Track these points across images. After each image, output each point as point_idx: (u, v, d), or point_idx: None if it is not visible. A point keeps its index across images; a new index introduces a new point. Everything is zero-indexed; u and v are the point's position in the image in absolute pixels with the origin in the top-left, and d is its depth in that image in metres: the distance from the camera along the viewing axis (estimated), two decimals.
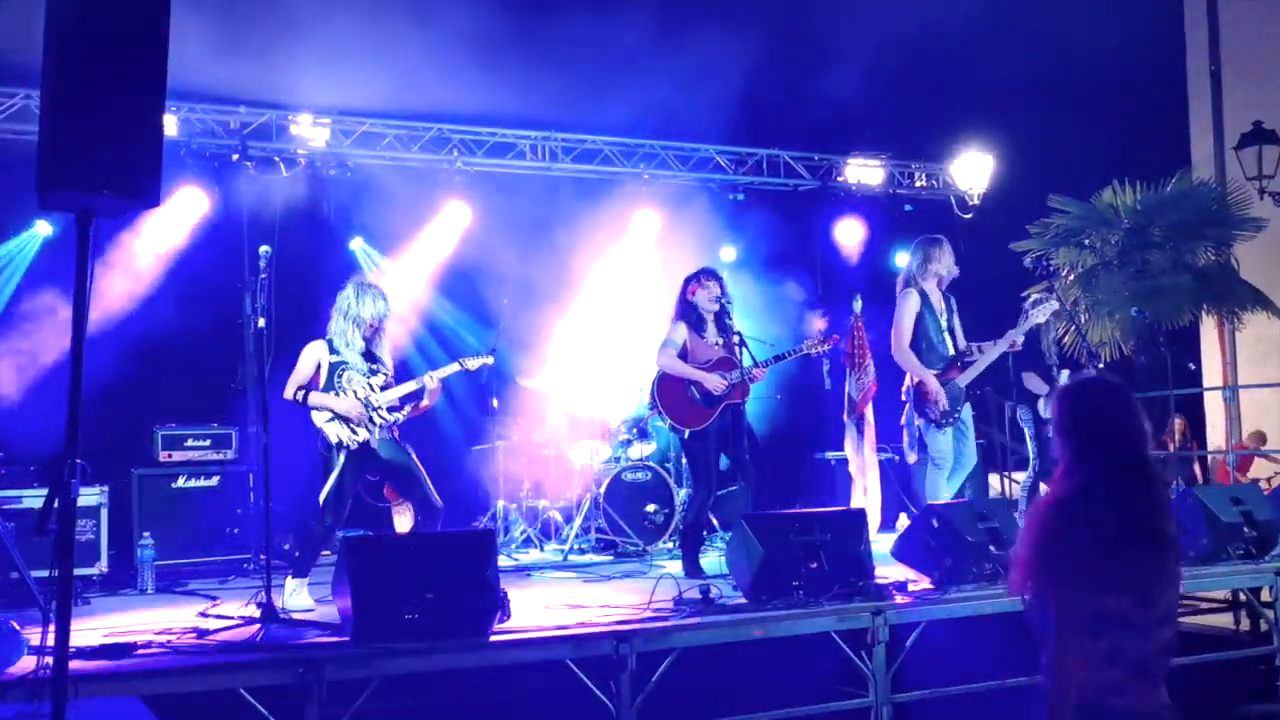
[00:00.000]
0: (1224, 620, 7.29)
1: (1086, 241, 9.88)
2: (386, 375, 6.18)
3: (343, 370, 6.01)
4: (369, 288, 6.20)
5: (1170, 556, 2.54)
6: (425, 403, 6.24)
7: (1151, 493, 2.58)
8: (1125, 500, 2.56)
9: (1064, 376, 7.60)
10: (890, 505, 9.60)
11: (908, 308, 6.68)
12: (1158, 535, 2.53)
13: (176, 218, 8.86)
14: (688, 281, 6.94)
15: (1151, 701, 2.49)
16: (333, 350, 6.07)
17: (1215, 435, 11.37)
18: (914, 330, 6.66)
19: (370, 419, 5.98)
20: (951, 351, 6.73)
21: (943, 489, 6.61)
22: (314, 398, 5.95)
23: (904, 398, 6.85)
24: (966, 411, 6.77)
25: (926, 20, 9.55)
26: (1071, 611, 2.54)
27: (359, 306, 6.08)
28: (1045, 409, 7.65)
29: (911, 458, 7.16)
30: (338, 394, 5.96)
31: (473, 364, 6.51)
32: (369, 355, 6.14)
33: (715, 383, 6.73)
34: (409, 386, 6.17)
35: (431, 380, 6.20)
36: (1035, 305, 6.84)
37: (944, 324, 6.77)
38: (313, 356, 6.07)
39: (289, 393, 6.00)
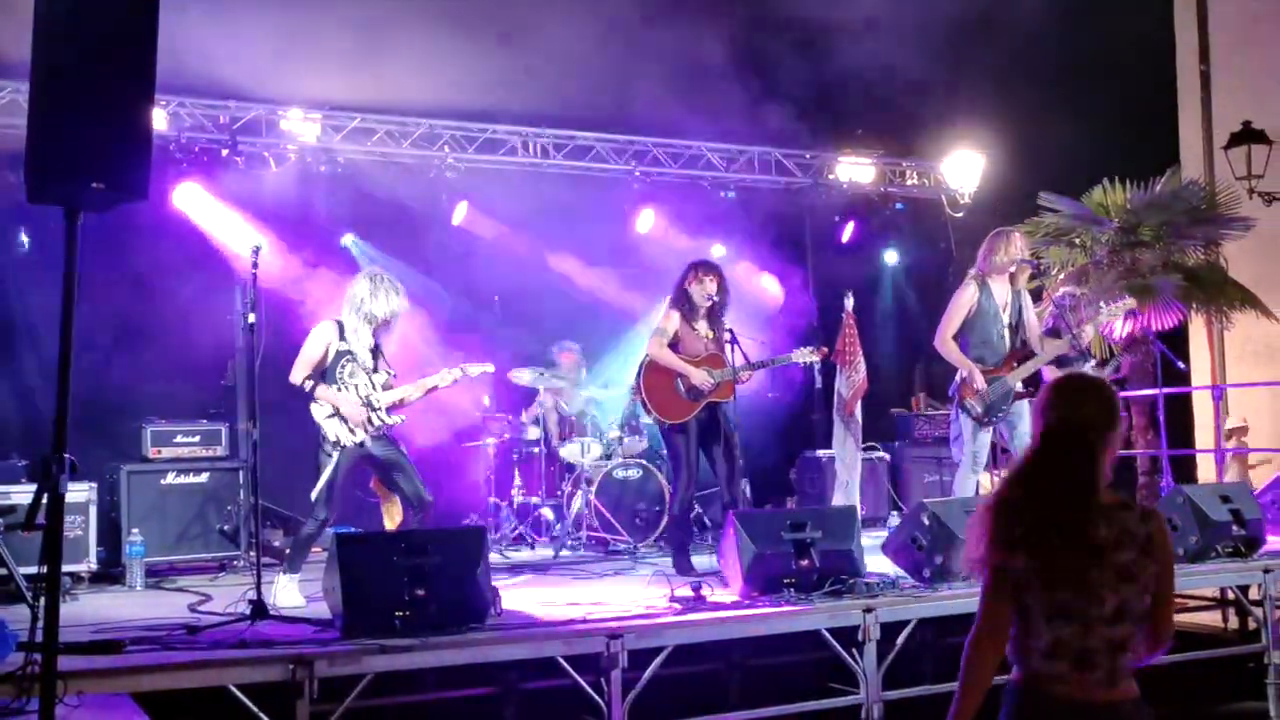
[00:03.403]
0: (1213, 618, 7.33)
1: (1077, 240, 9.89)
2: (390, 373, 6.05)
3: (348, 361, 5.87)
4: (384, 281, 5.94)
5: (1109, 556, 2.52)
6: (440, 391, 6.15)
7: (1079, 489, 2.58)
8: (1054, 496, 2.58)
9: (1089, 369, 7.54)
10: (882, 503, 9.62)
11: (960, 299, 6.53)
12: (1084, 533, 2.53)
13: (165, 212, 8.80)
14: (686, 270, 6.89)
15: (1098, 695, 2.50)
16: (342, 336, 5.89)
17: (1204, 435, 11.39)
18: (967, 322, 6.50)
19: (370, 420, 5.88)
20: (1008, 348, 6.51)
21: (970, 492, 6.39)
22: (321, 391, 5.81)
23: (950, 394, 6.67)
24: (1023, 408, 6.43)
25: (918, 18, 9.55)
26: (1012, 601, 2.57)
27: (372, 303, 5.88)
28: None
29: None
30: (340, 387, 5.84)
31: (474, 370, 6.34)
32: (375, 350, 6.00)
33: (701, 378, 6.69)
34: (408, 390, 6.05)
35: (437, 384, 6.10)
36: (1109, 303, 6.81)
37: (1006, 319, 6.54)
38: (322, 339, 5.89)
39: (297, 377, 5.84)
